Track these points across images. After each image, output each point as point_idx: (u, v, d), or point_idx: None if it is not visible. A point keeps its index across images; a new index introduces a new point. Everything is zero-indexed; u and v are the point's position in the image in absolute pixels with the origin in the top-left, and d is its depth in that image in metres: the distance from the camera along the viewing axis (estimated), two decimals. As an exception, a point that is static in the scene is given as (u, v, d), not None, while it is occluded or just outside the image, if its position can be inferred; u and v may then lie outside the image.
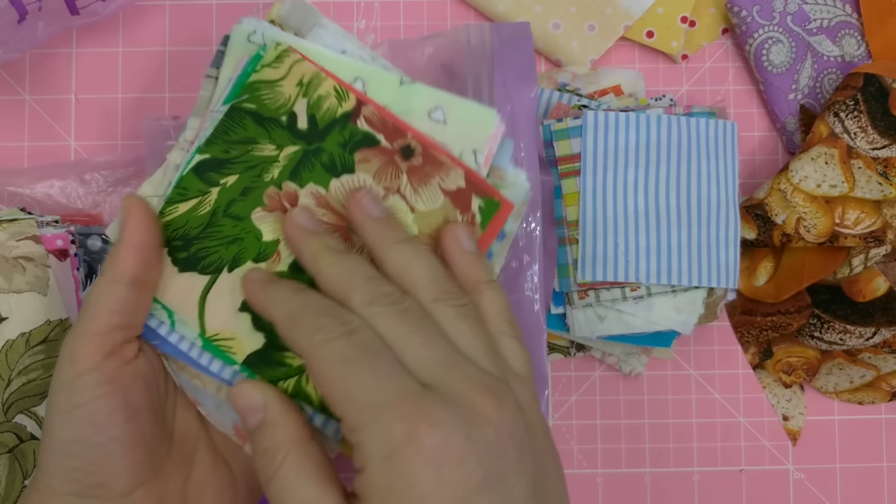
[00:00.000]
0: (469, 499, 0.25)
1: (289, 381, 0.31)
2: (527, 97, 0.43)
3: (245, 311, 0.32)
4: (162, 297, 0.32)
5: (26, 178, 0.45)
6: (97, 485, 0.30)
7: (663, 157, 0.44)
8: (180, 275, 0.32)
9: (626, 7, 0.48)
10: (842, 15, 0.50)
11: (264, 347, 0.32)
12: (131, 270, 0.31)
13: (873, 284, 0.47)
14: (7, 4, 0.40)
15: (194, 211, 0.32)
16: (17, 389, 0.39)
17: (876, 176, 0.46)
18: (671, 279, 0.44)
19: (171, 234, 0.32)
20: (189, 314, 0.32)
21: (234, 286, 0.32)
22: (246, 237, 0.32)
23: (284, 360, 0.31)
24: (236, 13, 0.49)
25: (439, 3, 0.49)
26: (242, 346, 0.32)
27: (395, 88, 0.34)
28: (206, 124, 0.33)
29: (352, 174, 0.33)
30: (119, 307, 0.30)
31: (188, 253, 0.32)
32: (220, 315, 0.32)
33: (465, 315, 0.29)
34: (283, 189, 0.32)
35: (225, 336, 0.32)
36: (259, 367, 0.31)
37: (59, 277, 0.41)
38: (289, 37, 0.34)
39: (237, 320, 0.32)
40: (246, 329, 0.32)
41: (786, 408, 0.50)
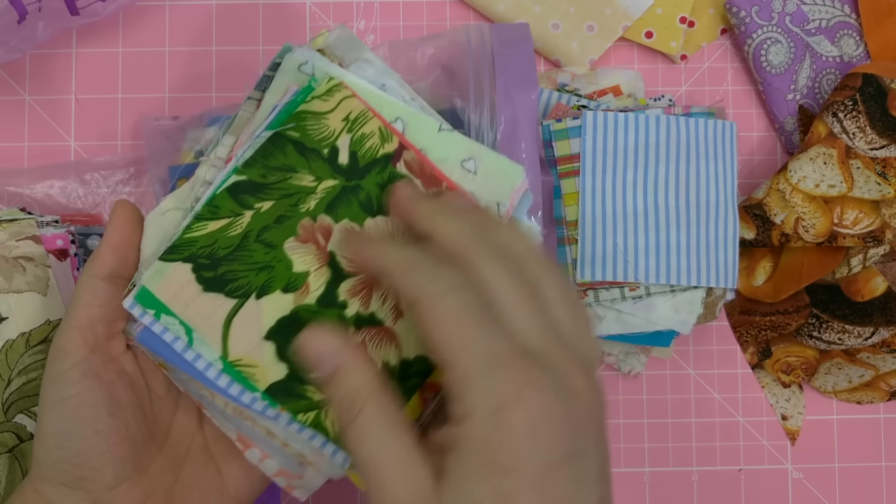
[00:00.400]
0: (554, 469, 0.26)
1: (309, 413, 0.31)
2: (528, 99, 0.43)
3: (270, 340, 0.31)
4: (181, 314, 0.31)
5: (26, 179, 0.45)
6: (83, 477, 0.31)
7: (662, 158, 0.44)
8: (205, 294, 0.31)
9: (626, 7, 0.48)
10: (840, 15, 0.50)
11: (286, 378, 0.31)
12: (108, 266, 0.32)
13: (872, 284, 0.47)
14: (7, 5, 0.40)
15: (224, 231, 0.32)
16: (17, 389, 0.39)
17: (874, 176, 0.47)
18: (670, 279, 0.44)
19: (198, 251, 0.31)
20: (211, 336, 0.31)
21: (262, 313, 0.31)
22: (277, 265, 0.32)
23: (306, 392, 0.31)
24: (236, 13, 0.49)
25: (439, 3, 0.49)
26: (265, 375, 0.31)
27: (433, 134, 0.34)
28: (247, 146, 0.32)
29: (387, 217, 0.33)
30: (97, 300, 0.32)
31: (215, 273, 0.31)
32: (244, 341, 0.31)
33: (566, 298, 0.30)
34: (318, 221, 0.32)
35: (248, 363, 0.31)
36: (281, 397, 0.31)
37: (59, 277, 0.41)
38: (338, 69, 0.34)
39: (262, 348, 0.31)
40: (270, 358, 0.31)
41: (785, 407, 0.50)
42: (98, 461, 0.32)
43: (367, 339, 0.32)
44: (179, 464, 0.35)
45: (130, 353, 0.34)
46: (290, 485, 0.34)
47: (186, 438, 0.35)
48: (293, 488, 0.34)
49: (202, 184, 0.33)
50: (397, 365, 0.33)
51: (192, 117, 0.45)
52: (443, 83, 0.45)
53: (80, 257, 0.42)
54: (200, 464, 0.35)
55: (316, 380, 0.30)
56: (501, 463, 0.25)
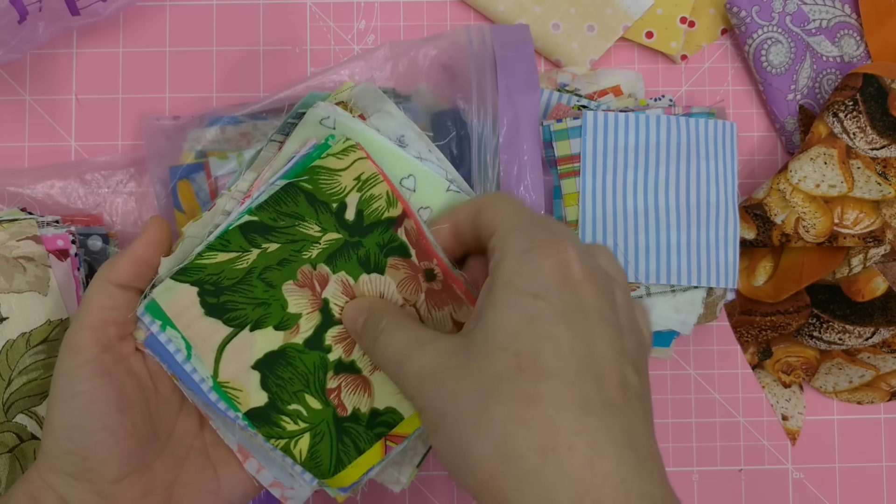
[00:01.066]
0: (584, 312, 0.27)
1: (280, 440, 0.35)
2: (530, 102, 0.43)
3: (256, 370, 0.35)
4: (184, 331, 0.34)
5: (27, 179, 0.45)
6: (90, 469, 0.33)
7: (662, 158, 0.44)
8: (205, 318, 0.34)
9: (626, 8, 0.48)
10: (841, 15, 0.50)
11: (266, 406, 0.35)
12: (124, 278, 0.34)
13: (872, 284, 0.47)
14: (8, 5, 0.40)
15: (231, 263, 0.34)
16: (18, 389, 0.39)
17: (875, 176, 0.47)
18: (670, 279, 0.44)
19: (205, 278, 0.34)
20: (206, 355, 0.34)
21: (253, 344, 0.35)
22: (273, 304, 0.35)
23: (280, 422, 0.35)
24: (236, 13, 0.49)
25: (439, 3, 0.49)
26: (248, 399, 0.35)
27: (441, 193, 0.36)
28: (263, 189, 0.35)
29: (381, 275, 0.35)
30: (110, 303, 0.34)
31: (217, 300, 0.34)
32: (233, 366, 0.34)
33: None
34: (317, 269, 0.35)
35: (234, 386, 0.34)
36: (258, 422, 0.35)
37: (59, 277, 0.41)
38: (358, 123, 0.36)
39: (248, 376, 0.35)
40: (254, 386, 0.35)
41: (785, 407, 0.50)
42: (105, 455, 0.33)
43: (344, 384, 0.35)
44: (179, 463, 0.36)
45: (139, 355, 0.35)
46: (283, 496, 0.37)
47: (187, 440, 0.37)
48: (286, 499, 0.37)
49: (221, 213, 0.36)
50: (367, 412, 0.35)
51: (192, 117, 0.45)
52: (444, 83, 0.45)
53: (81, 257, 0.42)
54: (199, 465, 0.36)
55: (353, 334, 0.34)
56: (530, 290, 0.27)
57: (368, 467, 0.35)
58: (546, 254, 0.28)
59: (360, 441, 0.35)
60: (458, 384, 0.27)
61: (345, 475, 0.35)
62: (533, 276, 0.28)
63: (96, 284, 0.34)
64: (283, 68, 0.48)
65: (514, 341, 0.27)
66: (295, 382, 0.35)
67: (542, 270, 0.28)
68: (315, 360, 0.35)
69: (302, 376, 0.35)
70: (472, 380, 0.27)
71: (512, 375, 0.26)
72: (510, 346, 0.27)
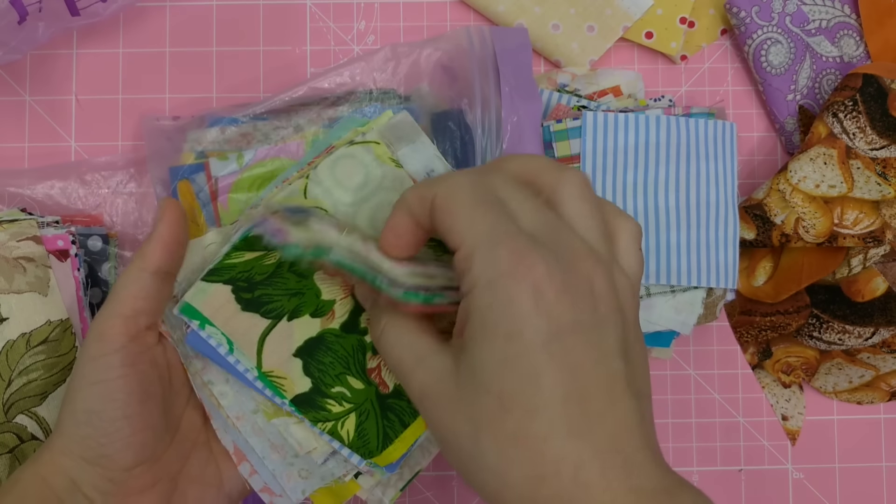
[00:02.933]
0: (561, 335, 0.27)
1: (327, 423, 0.35)
2: (533, 108, 0.43)
3: (298, 357, 0.35)
4: (223, 328, 0.35)
5: (27, 179, 0.45)
6: (106, 455, 0.33)
7: (662, 158, 0.44)
8: (243, 313, 0.35)
9: (626, 8, 0.48)
10: (840, 16, 0.50)
11: (310, 391, 0.35)
12: (157, 262, 0.34)
13: (872, 284, 0.47)
14: (7, 5, 0.40)
15: (259, 260, 0.36)
16: (18, 390, 0.39)
17: (875, 176, 0.47)
18: (670, 279, 0.44)
19: (236, 275, 0.35)
20: (247, 349, 0.35)
21: (292, 333, 0.35)
22: (307, 293, 0.36)
23: (326, 405, 0.35)
24: (236, 14, 0.49)
25: (439, 4, 0.49)
26: (293, 386, 0.35)
27: None
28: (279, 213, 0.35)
29: None
30: (143, 293, 0.34)
31: (252, 295, 0.35)
32: (275, 356, 0.35)
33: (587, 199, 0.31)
34: None
35: (278, 374, 0.35)
36: (304, 407, 0.35)
37: (59, 278, 0.41)
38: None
39: (290, 364, 0.35)
40: (297, 373, 0.35)
41: (785, 407, 0.50)
42: (122, 443, 0.33)
43: (383, 363, 0.36)
44: (185, 456, 0.37)
45: (161, 347, 0.36)
46: (272, 502, 0.38)
47: (193, 434, 0.37)
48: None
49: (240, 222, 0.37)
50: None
51: (192, 118, 0.45)
52: (444, 84, 0.45)
53: (81, 258, 0.42)
54: (203, 459, 0.37)
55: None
56: (503, 328, 0.27)
57: (415, 439, 0.36)
58: (513, 282, 0.27)
59: (405, 415, 0.36)
60: (453, 417, 0.29)
61: (393, 450, 0.36)
62: (503, 310, 0.27)
63: (129, 273, 0.34)
64: (283, 69, 0.48)
65: (495, 382, 0.27)
66: (336, 366, 0.36)
67: (512, 302, 0.27)
68: (353, 342, 0.36)
69: (342, 359, 0.36)
70: (463, 416, 0.28)
71: (497, 415, 0.27)
72: (492, 387, 0.27)
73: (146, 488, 0.35)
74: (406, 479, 0.39)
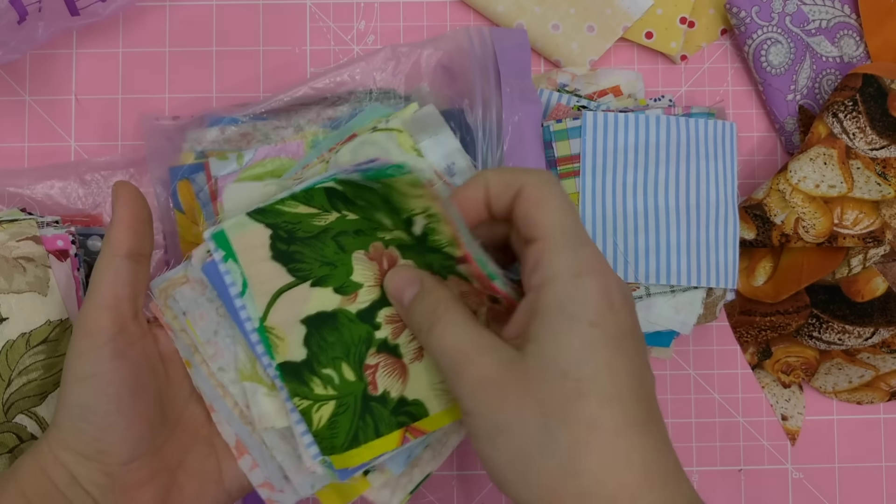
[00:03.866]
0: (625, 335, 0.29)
1: (304, 401, 0.34)
2: (533, 110, 0.43)
3: (304, 325, 0.34)
4: (245, 268, 0.34)
5: (27, 179, 0.45)
6: (102, 450, 0.33)
7: (662, 158, 0.44)
8: (270, 261, 0.34)
9: (626, 8, 0.48)
10: (840, 16, 0.50)
11: (301, 363, 0.34)
12: (126, 244, 0.34)
13: (872, 284, 0.47)
14: (7, 5, 0.40)
15: (310, 218, 0.35)
16: (18, 390, 0.39)
17: (874, 176, 0.47)
18: (670, 279, 0.44)
19: (281, 223, 0.34)
20: (260, 297, 0.34)
21: (308, 299, 0.35)
22: (339, 267, 0.35)
23: (310, 382, 0.34)
24: (236, 13, 0.49)
25: (439, 4, 0.49)
26: (286, 351, 0.34)
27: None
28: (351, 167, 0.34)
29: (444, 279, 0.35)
30: (121, 279, 0.34)
31: (287, 248, 0.34)
32: (283, 314, 0.34)
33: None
34: (388, 249, 0.35)
35: (278, 334, 0.34)
36: (289, 376, 0.34)
37: (59, 278, 0.41)
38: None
39: (294, 328, 0.34)
40: (297, 339, 0.34)
41: (785, 407, 0.50)
42: (117, 438, 0.33)
43: (382, 364, 0.35)
44: (185, 450, 0.37)
45: (152, 338, 0.36)
46: (270, 498, 0.37)
47: (194, 428, 0.37)
48: (273, 502, 0.37)
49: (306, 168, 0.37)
50: (396, 398, 0.35)
51: (192, 118, 0.45)
52: (444, 84, 0.45)
53: (81, 258, 0.42)
54: (203, 454, 0.37)
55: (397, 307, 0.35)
56: (585, 316, 0.29)
57: (381, 452, 0.35)
58: (594, 279, 0.29)
59: (382, 424, 0.35)
60: (520, 402, 0.29)
61: (355, 454, 0.34)
62: (585, 302, 0.29)
63: (102, 263, 0.34)
64: (283, 68, 0.48)
65: (573, 368, 0.28)
66: (337, 348, 0.35)
67: (593, 297, 0.29)
68: (362, 332, 0.35)
69: (345, 344, 0.35)
70: (533, 400, 0.28)
71: (574, 401, 0.28)
72: (570, 372, 0.28)
73: (144, 482, 0.34)
74: (416, 481, 0.38)
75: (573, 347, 0.28)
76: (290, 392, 0.34)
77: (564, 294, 0.29)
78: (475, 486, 0.49)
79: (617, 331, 0.29)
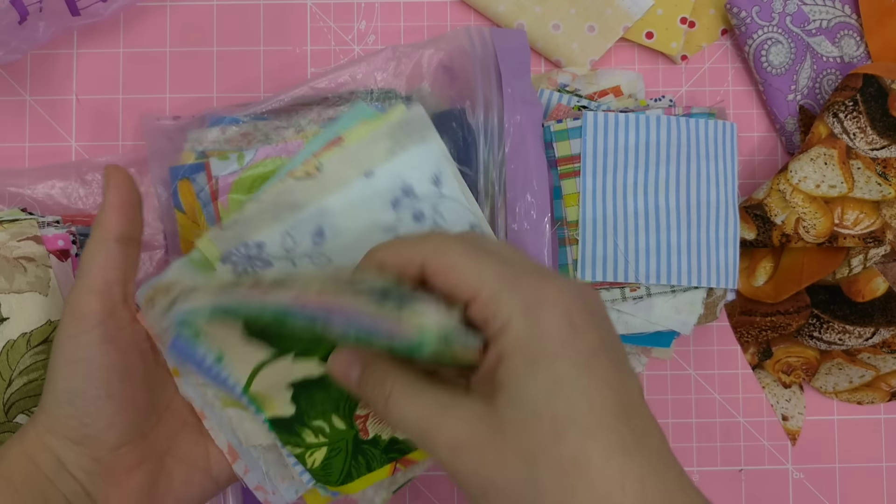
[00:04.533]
0: (594, 355, 0.28)
1: (297, 448, 0.35)
2: (534, 111, 0.43)
3: (291, 388, 0.35)
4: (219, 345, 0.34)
5: (27, 179, 0.45)
6: (90, 435, 0.33)
7: (663, 158, 0.44)
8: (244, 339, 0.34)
9: (626, 8, 0.48)
10: (841, 16, 0.50)
11: (290, 418, 0.35)
12: (117, 227, 0.34)
13: (872, 285, 0.47)
14: (8, 5, 0.40)
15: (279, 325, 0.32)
16: (19, 389, 0.39)
17: (875, 176, 0.47)
18: (671, 279, 0.44)
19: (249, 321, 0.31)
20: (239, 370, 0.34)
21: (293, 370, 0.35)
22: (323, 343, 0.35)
23: (302, 433, 0.35)
24: (237, 13, 0.49)
25: (439, 4, 0.49)
26: (274, 408, 0.35)
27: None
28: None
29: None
30: (111, 263, 0.33)
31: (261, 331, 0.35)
32: (267, 382, 0.35)
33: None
34: None
35: (264, 397, 0.35)
36: (279, 429, 0.35)
37: (60, 278, 0.41)
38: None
39: (280, 391, 0.35)
40: (284, 399, 0.35)
41: (785, 408, 0.50)
42: (105, 423, 0.33)
43: (372, 415, 0.36)
44: (174, 436, 0.37)
45: (140, 324, 0.35)
46: (266, 500, 0.38)
47: (183, 414, 0.37)
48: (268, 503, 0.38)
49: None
50: (387, 439, 0.36)
51: (193, 117, 0.45)
52: (444, 84, 0.45)
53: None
54: (192, 441, 0.37)
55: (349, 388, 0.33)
56: (547, 352, 0.27)
57: (371, 483, 0.36)
58: (547, 308, 0.28)
59: (374, 461, 0.36)
60: (500, 458, 0.27)
61: (351, 486, 0.36)
62: (543, 336, 0.27)
63: (91, 246, 0.33)
64: (284, 68, 0.48)
65: (546, 407, 0.27)
66: (326, 403, 0.35)
67: (550, 326, 0.28)
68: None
69: (334, 400, 0.35)
70: (513, 453, 0.27)
71: (553, 442, 0.27)
72: (544, 412, 0.27)
73: (133, 468, 0.34)
74: (399, 482, 0.39)
75: (540, 387, 0.27)
76: (283, 442, 0.35)
77: (521, 334, 0.28)
78: (475, 486, 0.49)
79: (586, 353, 0.28)
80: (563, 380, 0.27)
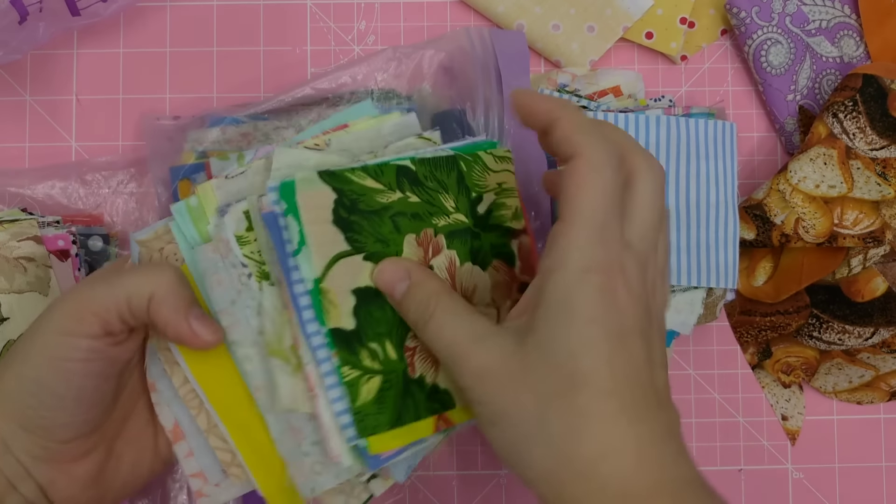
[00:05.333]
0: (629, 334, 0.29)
1: (354, 371, 0.33)
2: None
3: (354, 296, 0.34)
4: (305, 226, 0.33)
5: (27, 179, 0.45)
6: (45, 427, 0.32)
7: (662, 158, 0.44)
8: (331, 224, 0.34)
9: (626, 8, 0.48)
10: (840, 16, 0.50)
11: (351, 332, 0.34)
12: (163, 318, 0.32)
13: (872, 284, 0.47)
14: (8, 5, 0.40)
15: (374, 193, 0.35)
16: (19, 389, 0.39)
17: (874, 176, 0.47)
18: (670, 279, 0.44)
19: (348, 190, 0.34)
20: (318, 258, 0.33)
21: (361, 270, 0.34)
22: (391, 246, 0.35)
23: (360, 352, 0.34)
24: (237, 13, 0.49)
25: (439, 4, 0.49)
26: (338, 317, 0.33)
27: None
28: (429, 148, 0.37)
29: (483, 270, 0.37)
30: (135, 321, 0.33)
31: (347, 216, 0.34)
32: (338, 280, 0.34)
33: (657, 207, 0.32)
34: (437, 237, 0.36)
35: (332, 299, 0.33)
36: (340, 344, 0.33)
37: (60, 278, 0.41)
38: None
39: (346, 296, 0.34)
40: (347, 308, 0.34)
41: (785, 407, 0.50)
42: (65, 420, 0.32)
43: (420, 348, 0.35)
44: (124, 420, 0.36)
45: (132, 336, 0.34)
46: (200, 490, 0.36)
47: (134, 398, 0.37)
48: (202, 495, 0.36)
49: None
50: (430, 384, 0.35)
51: (193, 117, 0.45)
52: (444, 84, 0.45)
53: (82, 258, 0.42)
54: (141, 424, 0.37)
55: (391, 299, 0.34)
56: (585, 313, 0.29)
57: (418, 437, 0.35)
58: (601, 278, 0.29)
59: (420, 408, 0.35)
60: (517, 392, 0.29)
61: (397, 434, 0.34)
62: (586, 299, 0.29)
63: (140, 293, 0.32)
64: (284, 69, 0.48)
65: (570, 360, 0.29)
66: (382, 324, 0.34)
67: (595, 294, 0.29)
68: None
69: (389, 322, 0.34)
70: (530, 390, 0.29)
71: (568, 392, 0.28)
72: (567, 364, 0.29)
73: (79, 457, 0.34)
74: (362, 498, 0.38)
75: (571, 342, 0.29)
76: (341, 360, 0.33)
77: (568, 288, 0.29)
78: (475, 486, 0.49)
79: (620, 329, 0.29)
80: (593, 342, 0.28)
